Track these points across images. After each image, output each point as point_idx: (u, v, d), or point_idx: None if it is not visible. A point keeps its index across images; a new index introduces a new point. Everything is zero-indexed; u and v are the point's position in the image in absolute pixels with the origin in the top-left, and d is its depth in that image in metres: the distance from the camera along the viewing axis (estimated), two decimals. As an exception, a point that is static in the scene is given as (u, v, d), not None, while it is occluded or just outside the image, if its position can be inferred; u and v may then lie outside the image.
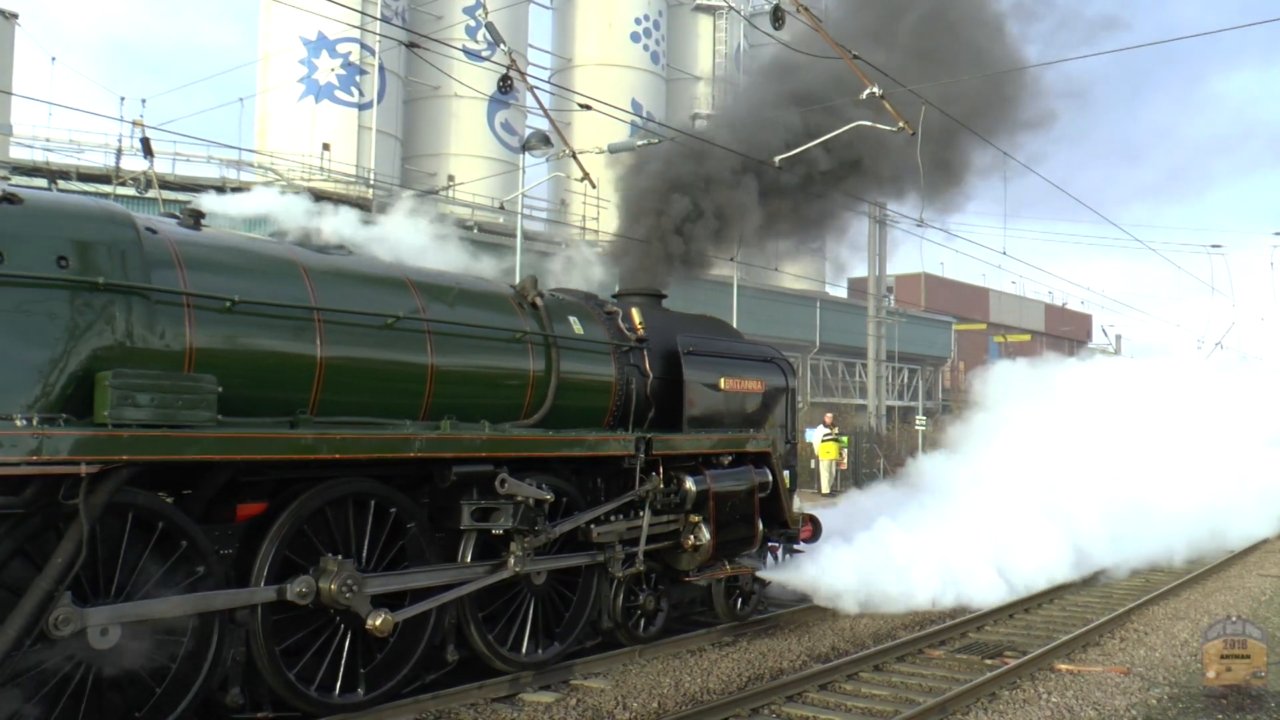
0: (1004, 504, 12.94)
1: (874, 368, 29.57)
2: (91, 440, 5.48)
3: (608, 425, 8.88)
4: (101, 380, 5.65)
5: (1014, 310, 53.08)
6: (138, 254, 6.08)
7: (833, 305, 41.26)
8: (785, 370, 10.62)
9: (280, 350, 6.69)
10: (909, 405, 41.20)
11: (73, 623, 5.48)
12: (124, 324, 5.92)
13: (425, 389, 7.44)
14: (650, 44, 41.51)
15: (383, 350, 7.22)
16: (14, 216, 5.68)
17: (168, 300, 6.15)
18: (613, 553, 8.47)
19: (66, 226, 5.89)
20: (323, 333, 6.87)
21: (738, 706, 7.46)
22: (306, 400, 6.77)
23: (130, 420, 5.60)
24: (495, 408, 7.85)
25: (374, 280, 7.48)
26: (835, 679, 8.41)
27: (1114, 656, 9.51)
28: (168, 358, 6.10)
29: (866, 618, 10.76)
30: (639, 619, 9.06)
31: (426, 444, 7.06)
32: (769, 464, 9.84)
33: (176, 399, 5.81)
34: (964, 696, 7.80)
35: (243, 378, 6.37)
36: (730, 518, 9.24)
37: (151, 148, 19.68)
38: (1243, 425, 18.32)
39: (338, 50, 37.83)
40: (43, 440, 5.30)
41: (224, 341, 6.39)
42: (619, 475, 8.70)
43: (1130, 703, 7.96)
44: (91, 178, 30.30)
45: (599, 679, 8.21)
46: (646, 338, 9.19)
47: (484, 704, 7.50)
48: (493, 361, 7.96)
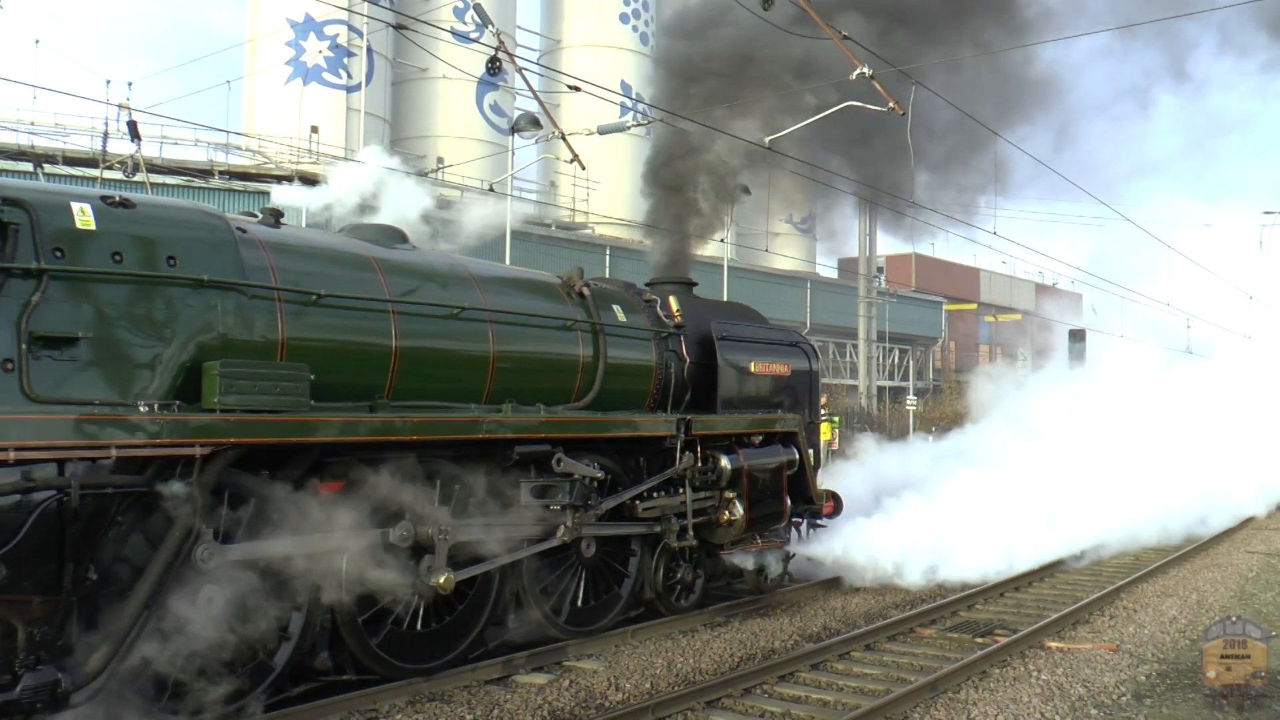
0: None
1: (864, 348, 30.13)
2: (204, 424, 5.95)
3: (648, 407, 9.40)
4: (209, 370, 6.11)
5: (1004, 290, 53.39)
6: (233, 252, 6.52)
7: (823, 285, 41.67)
8: (808, 354, 11.17)
9: (360, 340, 7.16)
10: (899, 385, 41.73)
11: (216, 556, 6.05)
12: (224, 317, 6.37)
13: (487, 375, 7.93)
14: (639, 25, 41.62)
15: (450, 339, 7.71)
16: (128, 219, 6.11)
17: (261, 295, 6.60)
18: (668, 524, 9.00)
19: (172, 228, 6.32)
20: (397, 324, 7.33)
21: (730, 687, 7.48)
22: (382, 386, 7.25)
23: (236, 406, 6.07)
24: (549, 392, 8.35)
25: (439, 274, 7.94)
26: (827, 658, 8.44)
27: (1103, 634, 9.58)
28: (262, 348, 6.56)
29: (857, 597, 11.03)
30: (678, 591, 9.60)
31: (494, 425, 7.55)
32: (795, 443, 10.39)
33: (275, 386, 6.29)
34: (955, 675, 7.84)
35: (326, 366, 6.81)
36: (761, 494, 9.78)
37: (138, 131, 19.82)
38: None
39: (325, 32, 37.73)
40: (163, 425, 5.77)
41: (311, 332, 6.85)
42: (659, 454, 9.22)
43: (1119, 679, 8.04)
44: (77, 161, 30.20)
45: (591, 660, 8.26)
46: (684, 324, 9.69)
47: (477, 685, 7.51)
48: (547, 349, 8.45)
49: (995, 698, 7.47)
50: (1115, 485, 14.65)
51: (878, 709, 6.95)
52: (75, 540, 5.54)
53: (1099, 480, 14.59)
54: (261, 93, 37.76)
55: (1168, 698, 7.63)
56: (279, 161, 33.74)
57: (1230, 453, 17.70)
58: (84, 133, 32.26)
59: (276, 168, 33.22)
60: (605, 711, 6.90)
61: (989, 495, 13.08)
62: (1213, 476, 16.70)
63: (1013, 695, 7.54)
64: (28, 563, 5.36)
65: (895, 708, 7.07)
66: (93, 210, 5.96)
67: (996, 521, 12.59)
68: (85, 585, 5.65)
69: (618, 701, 7.25)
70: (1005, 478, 13.78)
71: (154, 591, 5.80)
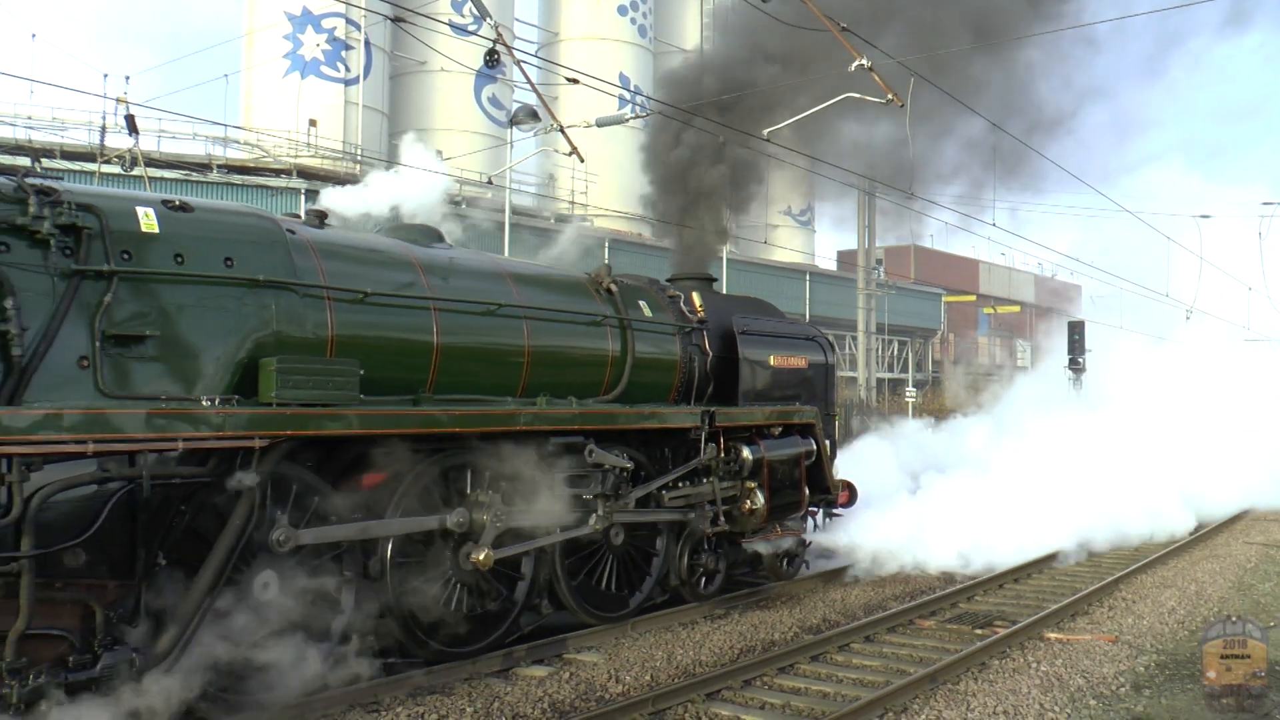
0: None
1: (864, 340, 30.46)
2: (263, 417, 6.21)
3: (673, 400, 9.69)
4: (266, 365, 6.37)
5: (1003, 282, 53.44)
6: (285, 253, 6.78)
7: (822, 278, 41.94)
8: (825, 347, 11.48)
9: (404, 337, 7.44)
10: (899, 377, 42.03)
11: (291, 541, 6.41)
12: (278, 315, 6.63)
13: (523, 369, 8.20)
14: (638, 17, 41.76)
15: (487, 335, 7.98)
16: (188, 222, 6.36)
17: (312, 294, 6.86)
18: (702, 510, 9.34)
19: (229, 230, 6.58)
20: (438, 321, 7.60)
21: (730, 679, 7.48)
22: (425, 381, 7.53)
23: (292, 400, 6.33)
24: (580, 385, 8.64)
25: (475, 272, 8.23)
26: (827, 650, 8.46)
27: (1102, 625, 9.62)
28: (313, 345, 6.81)
29: (857, 589, 11.15)
30: (701, 577, 9.90)
31: (531, 418, 7.84)
32: (813, 434, 10.69)
33: (328, 380, 6.55)
34: (954, 666, 7.85)
35: (373, 361, 7.06)
36: (781, 484, 10.08)
37: (136, 125, 19.93)
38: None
39: (323, 25, 37.74)
40: (226, 418, 6.03)
41: (358, 329, 7.12)
42: (683, 445, 9.51)
43: (1118, 670, 8.07)
44: (75, 156, 30.23)
45: (592, 653, 8.28)
46: (706, 319, 9.97)
47: (478, 678, 7.52)
48: (578, 343, 8.73)
49: (995, 689, 7.50)
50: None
51: (877, 700, 6.97)
52: (145, 528, 5.82)
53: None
54: (259, 86, 37.76)
55: (1166, 688, 7.68)
56: (277, 155, 33.82)
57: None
58: (82, 127, 32.35)
59: (275, 161, 33.33)
60: (605, 704, 6.93)
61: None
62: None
63: (1012, 686, 7.58)
64: (104, 549, 5.66)
65: (895, 699, 7.09)
66: (156, 214, 6.22)
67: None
68: (155, 570, 5.93)
69: (618, 694, 7.30)
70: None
71: (217, 576, 6.07)
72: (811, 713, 6.99)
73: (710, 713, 6.96)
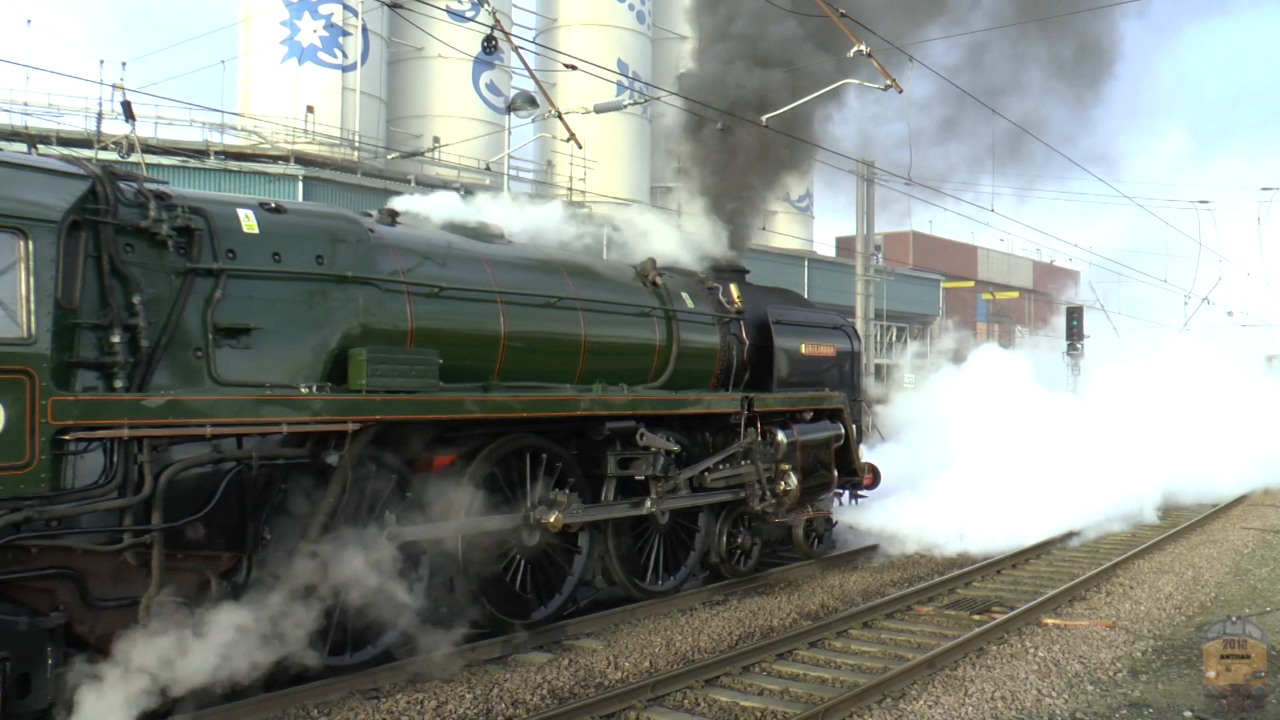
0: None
1: (862, 326, 30.94)
2: (356, 403, 6.66)
3: (713, 386, 10.17)
4: (356, 355, 6.81)
5: (1002, 267, 53.57)
6: (368, 251, 7.20)
7: (821, 264, 42.30)
8: (851, 336, 11.99)
9: (474, 328, 7.89)
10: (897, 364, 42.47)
11: (398, 537, 6.99)
12: (363, 309, 7.07)
13: (579, 358, 8.66)
14: (636, 3, 41.83)
15: (548, 325, 8.45)
16: (284, 223, 6.80)
17: (393, 288, 7.29)
18: (752, 490, 9.87)
19: (320, 230, 7.01)
20: (505, 312, 8.04)
21: (729, 665, 7.51)
22: (492, 369, 7.98)
23: (380, 387, 6.78)
24: (630, 373, 9.12)
25: (535, 265, 8.68)
26: (825, 636, 8.48)
27: (1100, 610, 9.64)
28: (394, 336, 7.26)
29: (855, 575, 11.28)
30: (739, 555, 10.40)
31: (591, 404, 8.32)
32: (841, 419, 11.18)
33: (410, 369, 7.01)
34: (952, 652, 7.88)
35: (447, 351, 7.50)
36: (812, 466, 10.58)
37: (133, 111, 20.15)
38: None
39: (320, 11, 37.68)
40: (324, 404, 6.49)
41: (434, 321, 7.57)
42: (723, 430, 9.99)
43: (1116, 655, 8.08)
44: (72, 142, 30.26)
45: (591, 639, 8.34)
46: (743, 310, 10.45)
47: (477, 665, 7.55)
48: (629, 333, 9.21)
49: (993, 675, 7.51)
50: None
51: (875, 686, 6.99)
52: (254, 504, 6.28)
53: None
54: (257, 72, 37.69)
55: (1163, 674, 7.70)
56: (275, 142, 33.95)
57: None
58: (78, 113, 32.37)
59: (272, 148, 33.45)
60: (604, 690, 6.98)
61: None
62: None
63: (1010, 672, 7.59)
64: (219, 523, 6.13)
65: (893, 685, 7.10)
66: (255, 216, 6.64)
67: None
68: (262, 543, 6.38)
69: (617, 680, 7.33)
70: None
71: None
72: (810, 699, 6.98)
73: (709, 699, 7.00)
